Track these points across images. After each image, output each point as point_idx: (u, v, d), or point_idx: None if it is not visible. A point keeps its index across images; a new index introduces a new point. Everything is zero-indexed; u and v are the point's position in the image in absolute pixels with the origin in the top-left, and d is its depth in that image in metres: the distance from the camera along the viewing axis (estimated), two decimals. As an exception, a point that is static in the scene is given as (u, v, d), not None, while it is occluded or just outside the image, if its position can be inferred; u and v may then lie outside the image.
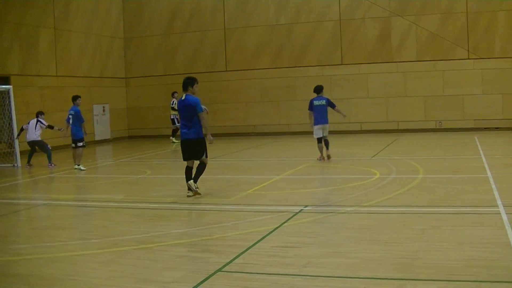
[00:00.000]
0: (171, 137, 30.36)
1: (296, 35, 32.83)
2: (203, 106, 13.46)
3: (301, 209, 11.38)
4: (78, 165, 20.07)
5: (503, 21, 29.72)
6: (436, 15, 30.56)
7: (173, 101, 29.22)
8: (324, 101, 19.45)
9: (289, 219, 10.51)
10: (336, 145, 25.08)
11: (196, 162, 13.65)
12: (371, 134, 30.55)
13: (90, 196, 15.11)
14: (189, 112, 13.24)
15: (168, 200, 13.23)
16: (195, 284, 6.99)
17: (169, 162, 22.20)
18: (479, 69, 29.90)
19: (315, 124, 19.33)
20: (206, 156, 13.66)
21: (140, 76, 35.78)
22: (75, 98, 20.34)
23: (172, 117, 30.20)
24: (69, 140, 21.08)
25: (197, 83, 13.55)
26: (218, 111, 29.39)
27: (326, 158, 19.50)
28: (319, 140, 19.50)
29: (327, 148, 19.66)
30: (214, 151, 24.11)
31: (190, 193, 13.40)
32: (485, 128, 29.69)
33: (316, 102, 19.37)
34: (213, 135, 14.48)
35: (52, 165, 21.06)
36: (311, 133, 19.84)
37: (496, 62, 29.68)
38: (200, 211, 12.00)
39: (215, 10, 34.12)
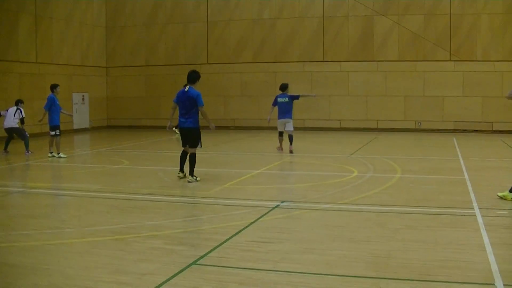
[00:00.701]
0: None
1: (279, 31, 32.85)
2: None
3: (278, 205, 11.39)
4: (58, 153, 20.00)
5: (486, 25, 29.89)
6: (419, 16, 30.68)
7: None
8: (287, 98, 21.02)
9: (265, 214, 10.52)
10: (315, 142, 25.22)
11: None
12: (350, 132, 30.65)
13: (66, 185, 15.03)
14: (189, 103, 14.43)
15: (144, 191, 13.19)
16: (169, 277, 6.97)
17: (148, 153, 22.11)
18: (460, 71, 30.07)
19: (278, 118, 21.10)
20: (201, 146, 15.20)
21: (121, 66, 35.64)
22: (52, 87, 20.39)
23: None
24: (46, 128, 20.96)
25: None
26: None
27: (289, 150, 20.71)
28: (280, 133, 21.34)
29: (291, 143, 20.76)
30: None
31: (181, 174, 14.89)
32: (464, 130, 29.89)
33: (279, 99, 21.05)
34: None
35: (29, 152, 20.93)
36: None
37: (477, 65, 29.86)
38: (176, 204, 11.97)
39: (198, 2, 34.06)
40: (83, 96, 33.36)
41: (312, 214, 10.71)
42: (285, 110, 20.83)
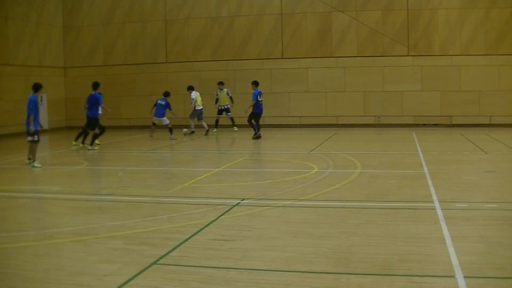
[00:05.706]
0: (234, 127, 29.93)
1: (237, 28, 32.80)
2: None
3: (238, 202, 11.39)
4: (31, 160, 17.92)
5: (442, 19, 30.18)
6: (377, 11, 30.86)
7: (216, 92, 29.61)
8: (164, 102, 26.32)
9: (226, 212, 10.51)
10: (275, 139, 25.25)
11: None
12: (310, 128, 30.74)
13: (25, 187, 14.82)
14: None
15: (104, 191, 13.11)
16: (130, 277, 6.94)
17: (107, 153, 21.93)
18: (418, 66, 30.33)
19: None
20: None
21: (79, 66, 35.28)
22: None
23: (220, 108, 29.63)
24: (3, 130, 20.62)
25: None
26: (157, 102, 29.02)
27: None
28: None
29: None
30: (152, 143, 23.97)
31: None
32: (423, 124, 30.13)
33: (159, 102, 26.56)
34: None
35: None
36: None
37: (435, 60, 30.14)
38: (136, 203, 11.89)
39: (156, 1, 33.83)
40: (41, 97, 32.92)
41: (273, 211, 10.73)
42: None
